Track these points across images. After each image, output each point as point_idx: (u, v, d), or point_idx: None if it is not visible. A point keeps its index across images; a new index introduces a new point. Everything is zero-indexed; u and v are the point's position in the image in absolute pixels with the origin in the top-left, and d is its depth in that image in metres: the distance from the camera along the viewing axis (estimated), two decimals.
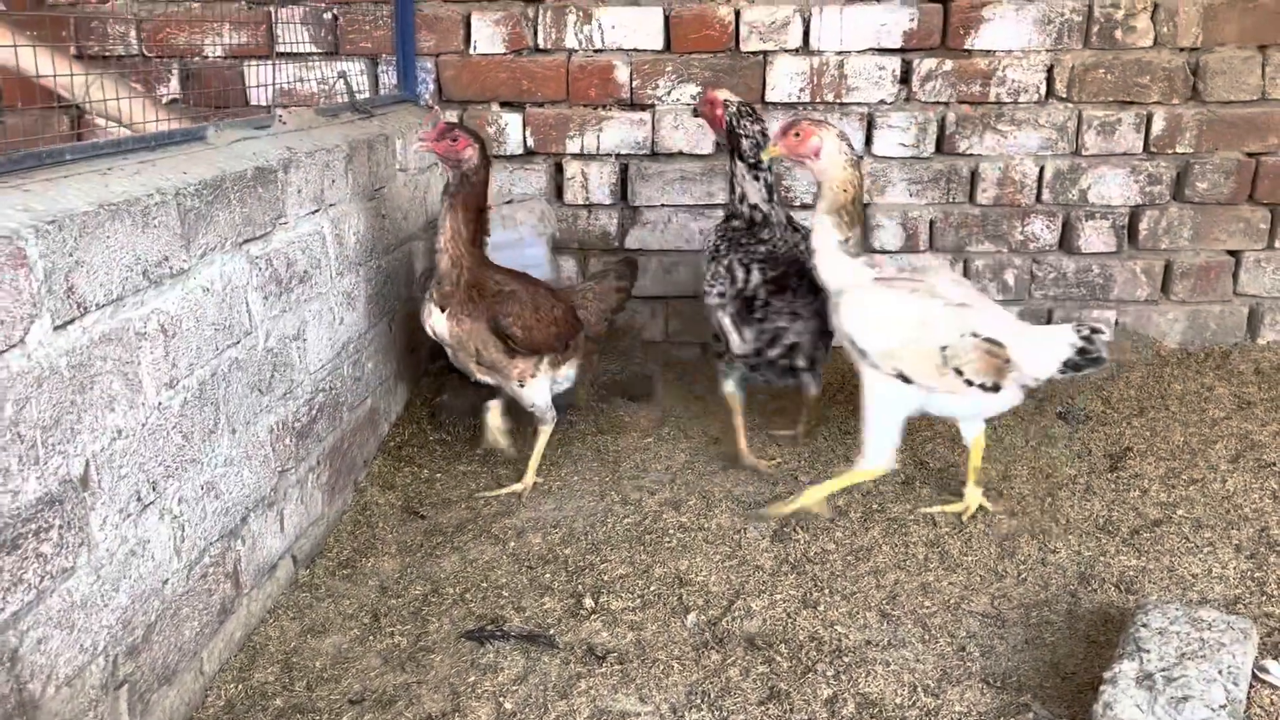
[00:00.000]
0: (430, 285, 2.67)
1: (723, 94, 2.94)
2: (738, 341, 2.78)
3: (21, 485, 1.41)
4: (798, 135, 2.50)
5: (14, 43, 2.73)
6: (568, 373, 2.88)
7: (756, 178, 2.88)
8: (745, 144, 2.87)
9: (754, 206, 2.90)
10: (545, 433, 2.85)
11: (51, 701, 1.48)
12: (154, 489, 1.75)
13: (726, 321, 2.80)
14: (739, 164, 2.89)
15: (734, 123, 2.88)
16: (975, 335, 2.37)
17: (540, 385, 2.78)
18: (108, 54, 3.60)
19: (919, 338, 2.39)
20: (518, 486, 2.79)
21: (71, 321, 1.52)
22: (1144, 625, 1.90)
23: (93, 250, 1.57)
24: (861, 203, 2.53)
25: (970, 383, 2.39)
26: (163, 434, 1.78)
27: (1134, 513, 2.59)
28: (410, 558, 2.47)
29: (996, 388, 2.42)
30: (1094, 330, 2.37)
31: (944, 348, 2.37)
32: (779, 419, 3.21)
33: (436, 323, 2.66)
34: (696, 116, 3.11)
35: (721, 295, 2.82)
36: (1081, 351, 2.37)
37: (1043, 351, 2.41)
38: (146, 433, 1.72)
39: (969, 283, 2.72)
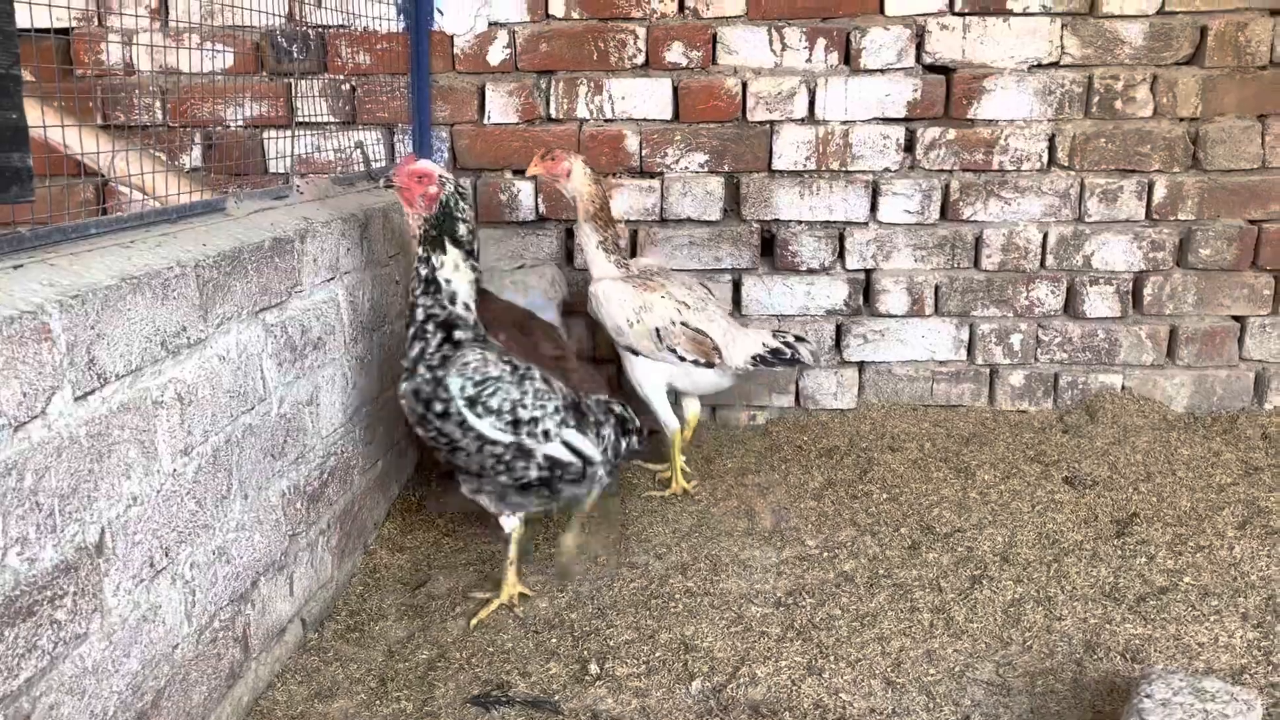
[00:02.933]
0: None
1: (436, 168, 2.41)
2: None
3: (38, 553, 1.44)
4: (552, 159, 3.06)
5: (43, 114, 2.83)
6: None
7: (474, 269, 2.42)
8: (462, 229, 2.39)
9: (467, 307, 2.41)
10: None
11: None
12: (167, 555, 1.78)
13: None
14: (450, 251, 2.37)
15: (451, 203, 2.39)
16: (684, 325, 3.08)
17: None
18: (133, 124, 3.71)
19: (641, 320, 3.07)
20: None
21: (91, 392, 1.57)
22: (1148, 696, 1.90)
23: (114, 323, 1.62)
24: (609, 211, 3.12)
25: (683, 359, 3.10)
26: (177, 500, 1.82)
27: (1140, 579, 2.59)
28: (418, 621, 2.49)
29: (710, 365, 3.12)
30: (798, 339, 3.20)
31: (657, 330, 3.07)
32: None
33: None
34: (388, 188, 2.52)
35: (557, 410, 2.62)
36: (774, 351, 3.14)
37: (740, 346, 3.14)
38: (161, 499, 1.76)
39: (703, 290, 3.25)
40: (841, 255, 3.71)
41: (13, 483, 1.39)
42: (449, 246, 2.38)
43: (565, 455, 2.47)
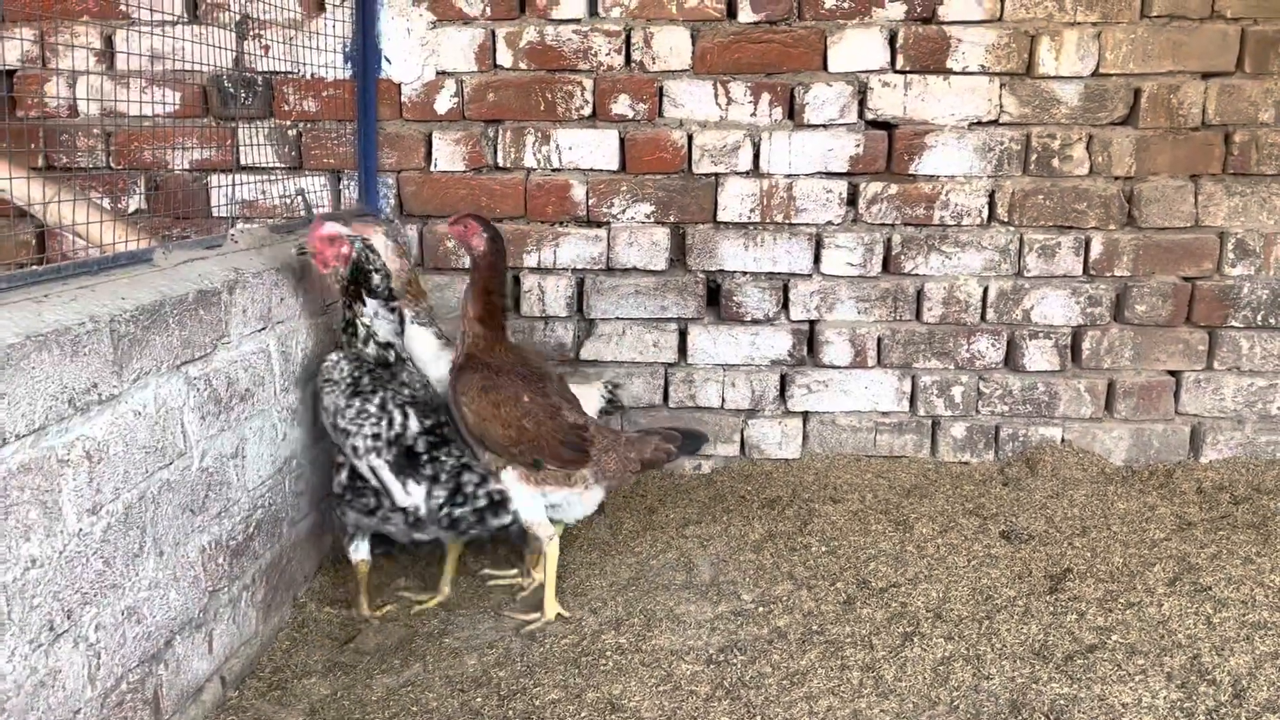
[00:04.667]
0: None
1: (343, 229, 2.75)
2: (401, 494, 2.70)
3: None
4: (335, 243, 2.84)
5: None
6: (557, 499, 2.76)
7: (393, 310, 2.81)
8: (376, 279, 2.75)
9: (388, 344, 2.81)
10: (550, 555, 2.76)
11: None
12: (69, 617, 1.74)
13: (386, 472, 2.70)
14: (369, 303, 2.76)
15: (362, 258, 2.73)
16: None
17: (519, 492, 2.71)
18: (74, 165, 3.68)
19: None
20: (535, 616, 2.75)
21: None
22: None
23: (16, 381, 1.60)
24: (418, 283, 2.89)
25: None
26: (81, 561, 1.78)
27: (1069, 637, 2.60)
28: (343, 678, 2.45)
29: None
30: (616, 386, 3.30)
31: None
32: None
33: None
34: (301, 255, 2.84)
35: (375, 439, 2.67)
36: (610, 401, 3.23)
37: (587, 401, 3.06)
38: (64, 560, 1.73)
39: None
40: (786, 306, 3.73)
41: None
42: (366, 299, 2.75)
43: (370, 478, 2.67)
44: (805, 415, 3.81)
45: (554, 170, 3.69)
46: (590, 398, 3.14)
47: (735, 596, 2.86)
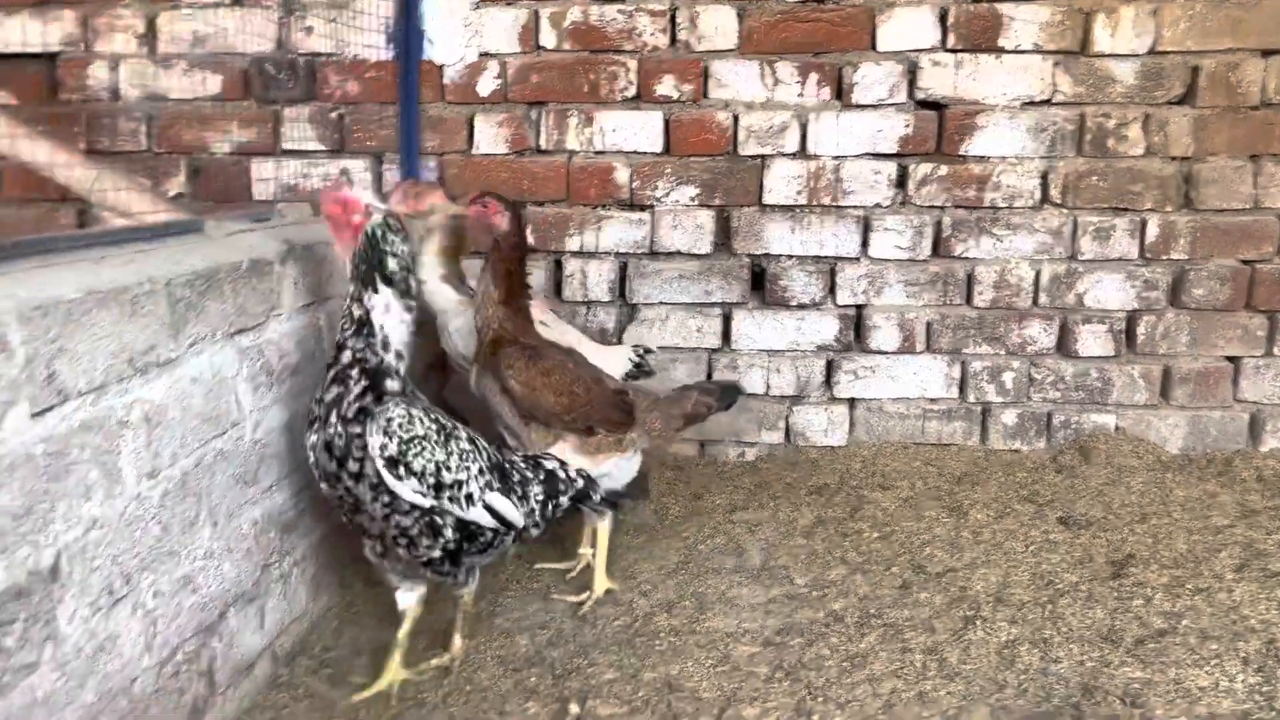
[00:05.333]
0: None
1: (364, 196, 2.26)
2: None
3: None
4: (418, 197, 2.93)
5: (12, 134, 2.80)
6: (608, 466, 2.69)
7: (409, 309, 2.15)
8: (392, 263, 2.11)
9: (400, 356, 2.15)
10: (602, 531, 2.74)
11: None
12: (127, 582, 1.71)
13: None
14: (382, 291, 2.12)
15: (378, 235, 2.12)
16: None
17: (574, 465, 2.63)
18: (118, 150, 3.67)
19: None
20: (585, 597, 2.68)
21: (50, 409, 1.51)
22: None
23: (78, 337, 1.56)
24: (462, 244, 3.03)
25: None
26: (140, 525, 1.74)
27: (1138, 622, 2.52)
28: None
29: None
30: (646, 351, 3.21)
31: None
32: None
33: (474, 385, 2.74)
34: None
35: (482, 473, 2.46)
36: (638, 365, 3.16)
37: (610, 363, 3.02)
38: (123, 523, 1.69)
39: (555, 317, 3.21)
40: (833, 290, 3.67)
41: None
42: (379, 285, 2.12)
43: (487, 521, 2.24)
44: (852, 402, 3.74)
45: (597, 153, 3.64)
46: (617, 361, 3.13)
47: (788, 580, 2.80)
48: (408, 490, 2.08)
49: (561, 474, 2.48)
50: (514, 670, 2.34)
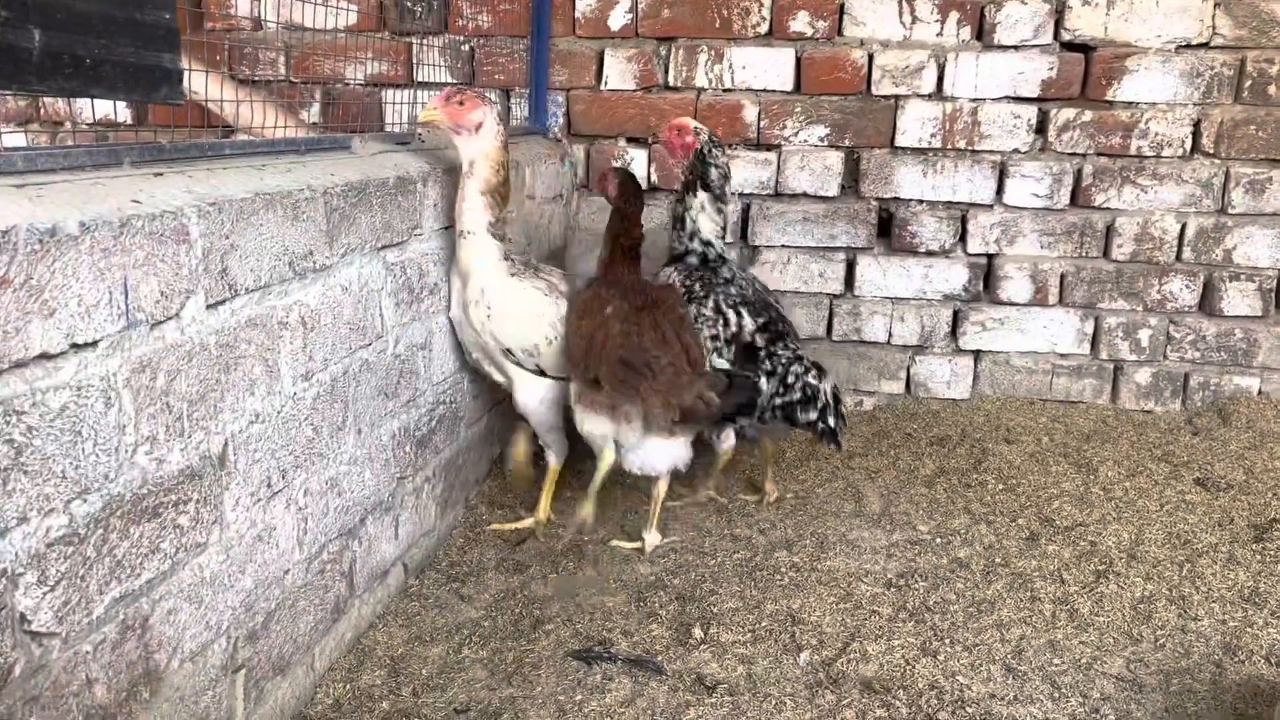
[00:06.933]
0: None
1: (692, 122, 2.92)
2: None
3: (166, 455, 1.43)
4: (461, 104, 2.33)
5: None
6: (627, 436, 2.46)
7: (719, 211, 2.89)
8: (714, 173, 2.87)
9: (707, 243, 2.88)
10: (600, 467, 2.54)
11: (175, 675, 1.49)
12: (283, 477, 1.77)
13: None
14: (700, 194, 2.87)
15: (705, 152, 2.87)
16: None
17: (577, 415, 2.51)
18: (258, 79, 3.76)
19: (557, 335, 2.49)
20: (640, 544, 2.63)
21: (222, 302, 1.56)
22: None
23: (247, 235, 1.61)
24: (508, 188, 2.44)
25: None
26: (295, 424, 1.80)
27: None
28: (518, 577, 2.45)
29: None
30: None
31: None
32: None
33: None
34: (654, 144, 3.14)
35: (715, 340, 2.72)
36: None
37: None
38: (281, 420, 1.75)
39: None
40: (963, 238, 3.57)
41: (146, 380, 1.37)
42: (699, 190, 2.87)
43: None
44: (977, 354, 3.65)
45: (725, 90, 3.59)
46: None
47: (910, 527, 2.76)
48: None
49: (791, 382, 2.68)
50: (637, 594, 2.36)
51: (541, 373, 2.54)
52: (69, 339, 1.23)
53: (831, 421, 2.65)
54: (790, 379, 2.65)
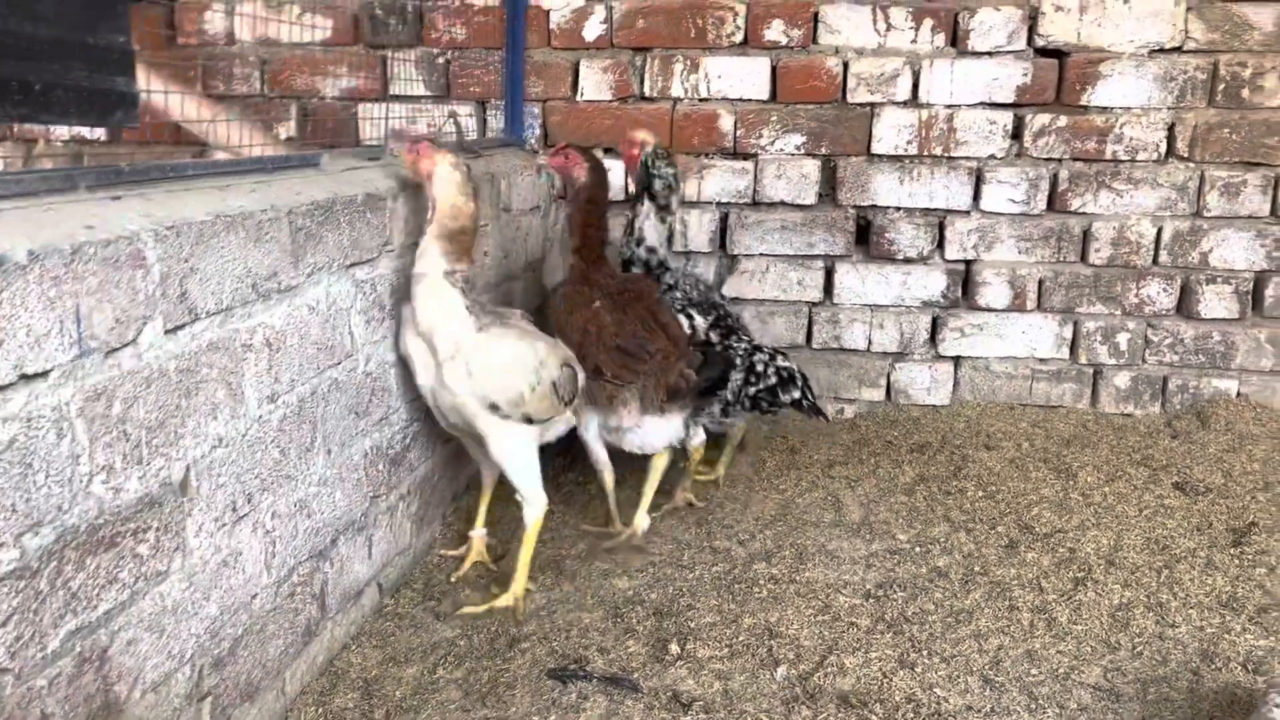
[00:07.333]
0: None
1: (642, 134, 3.05)
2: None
3: (124, 484, 1.42)
4: (418, 154, 2.29)
5: (149, 82, 2.86)
6: (626, 420, 2.61)
7: (663, 220, 2.99)
8: (657, 184, 2.97)
9: (651, 250, 3.00)
10: (654, 474, 2.72)
11: (136, 706, 1.47)
12: (249, 501, 1.75)
13: None
14: (645, 204, 2.99)
15: (649, 164, 2.99)
16: (569, 365, 2.45)
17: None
18: (233, 94, 3.74)
19: (541, 379, 2.34)
20: (622, 528, 2.72)
21: (182, 327, 1.54)
22: (1276, 706, 1.75)
23: (207, 258, 1.60)
24: (470, 236, 2.27)
25: (568, 403, 2.46)
26: (261, 447, 1.78)
27: (1260, 590, 2.41)
28: (495, 593, 2.43)
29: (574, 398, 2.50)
30: None
31: (554, 382, 2.37)
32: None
33: None
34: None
35: None
36: None
37: None
38: (246, 444, 1.73)
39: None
40: (941, 245, 3.57)
41: (101, 408, 1.36)
42: (644, 199, 3.02)
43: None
44: (957, 360, 3.65)
45: (701, 100, 3.59)
46: None
47: (889, 536, 2.75)
48: None
49: (760, 370, 2.86)
50: (614, 609, 2.35)
51: (528, 420, 2.36)
52: (18, 370, 1.21)
53: (812, 397, 2.88)
54: (759, 366, 2.84)
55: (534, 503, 2.40)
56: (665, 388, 2.53)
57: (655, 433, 2.62)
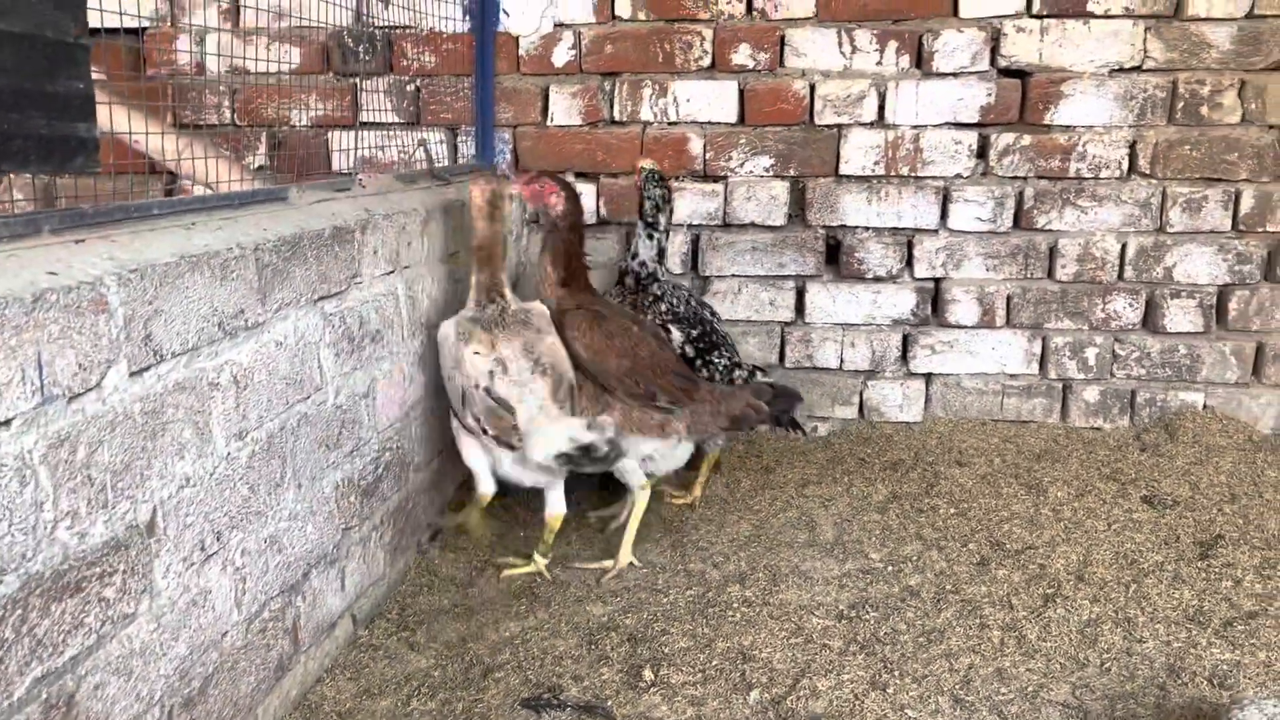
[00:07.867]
0: None
1: (644, 162, 3.20)
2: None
3: (89, 528, 1.42)
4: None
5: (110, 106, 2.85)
6: (649, 447, 2.68)
7: (650, 236, 3.14)
8: (647, 204, 3.13)
9: (642, 264, 3.16)
10: (640, 503, 2.74)
11: None
12: (218, 539, 1.75)
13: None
14: (638, 221, 3.17)
15: (642, 185, 3.14)
16: (488, 391, 2.52)
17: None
18: (202, 123, 3.75)
19: (452, 377, 2.59)
20: (609, 564, 2.72)
21: (147, 369, 1.55)
22: None
23: (172, 299, 1.60)
24: (499, 262, 2.66)
25: (485, 430, 2.56)
26: (229, 484, 1.79)
27: (1227, 603, 2.45)
28: (470, 622, 2.44)
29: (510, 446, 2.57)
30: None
31: (462, 390, 2.56)
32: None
33: None
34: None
35: None
36: (583, 448, 2.61)
37: (544, 437, 2.59)
38: (214, 482, 1.74)
39: (553, 357, 2.63)
40: (910, 263, 3.61)
41: (65, 454, 1.36)
42: (637, 219, 3.19)
43: None
44: (928, 377, 3.68)
45: (671, 123, 3.62)
46: (554, 435, 2.87)
47: (862, 555, 2.77)
48: None
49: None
50: (588, 636, 2.35)
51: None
52: None
53: (793, 412, 2.92)
54: (738, 383, 2.96)
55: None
56: (729, 416, 2.68)
57: (669, 460, 2.75)
